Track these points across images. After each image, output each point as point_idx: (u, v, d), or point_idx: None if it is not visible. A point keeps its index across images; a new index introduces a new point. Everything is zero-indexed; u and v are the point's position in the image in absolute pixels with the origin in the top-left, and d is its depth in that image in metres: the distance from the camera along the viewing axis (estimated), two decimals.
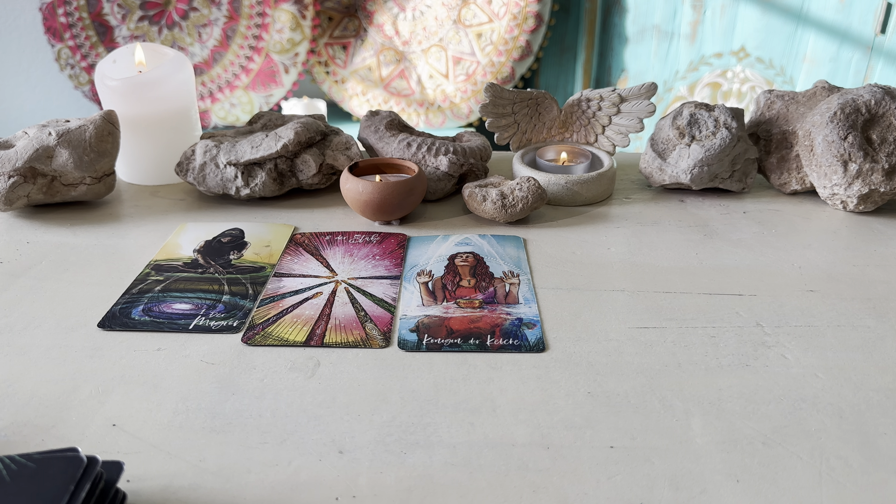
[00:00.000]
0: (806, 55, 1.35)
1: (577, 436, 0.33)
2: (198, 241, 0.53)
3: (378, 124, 0.63)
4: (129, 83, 0.60)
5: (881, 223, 0.56)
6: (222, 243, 0.52)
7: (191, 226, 0.55)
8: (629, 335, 0.41)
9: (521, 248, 0.51)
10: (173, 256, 0.50)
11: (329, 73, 1.98)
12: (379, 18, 1.91)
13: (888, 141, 0.55)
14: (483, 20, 1.85)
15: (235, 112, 1.90)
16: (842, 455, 0.32)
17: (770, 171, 0.62)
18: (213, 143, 0.59)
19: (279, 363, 0.38)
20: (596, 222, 0.56)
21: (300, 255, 0.51)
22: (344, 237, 0.53)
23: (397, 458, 0.31)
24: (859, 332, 0.41)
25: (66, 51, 1.81)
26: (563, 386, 0.36)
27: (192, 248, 0.52)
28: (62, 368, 0.38)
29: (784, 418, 0.34)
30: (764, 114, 0.63)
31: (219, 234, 0.54)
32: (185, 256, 0.50)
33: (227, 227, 0.55)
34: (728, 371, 0.37)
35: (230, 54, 1.86)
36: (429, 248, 0.51)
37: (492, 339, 0.40)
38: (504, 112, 0.63)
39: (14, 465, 0.26)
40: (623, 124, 0.62)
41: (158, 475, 0.30)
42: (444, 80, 1.90)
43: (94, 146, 0.56)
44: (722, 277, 0.47)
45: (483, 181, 0.56)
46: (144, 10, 1.82)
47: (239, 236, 0.53)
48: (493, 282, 0.47)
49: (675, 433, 0.33)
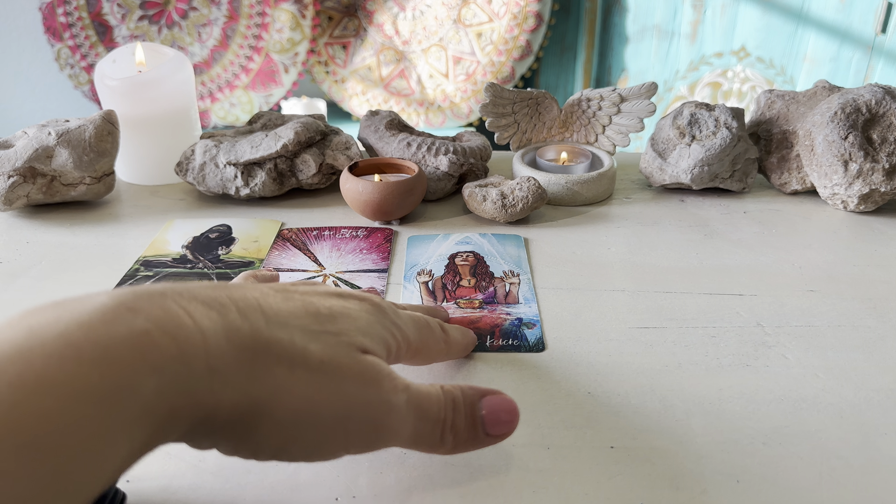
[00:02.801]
0: (806, 55, 1.35)
1: (577, 436, 0.33)
2: (186, 236, 0.53)
3: (378, 124, 0.63)
4: (128, 83, 0.60)
5: (882, 223, 0.56)
6: (210, 239, 0.53)
7: (178, 222, 0.56)
8: (629, 335, 0.41)
9: (522, 247, 0.51)
10: (162, 252, 0.51)
11: (329, 72, 1.98)
12: (379, 18, 1.91)
13: (889, 141, 0.55)
14: (483, 20, 1.85)
15: (235, 112, 1.90)
16: (842, 455, 0.32)
17: (770, 171, 0.62)
18: (213, 142, 0.59)
19: None
20: (596, 222, 0.56)
21: (288, 250, 0.51)
22: (331, 232, 0.53)
23: (397, 458, 0.31)
24: (860, 332, 0.41)
25: (66, 51, 1.81)
26: (563, 386, 0.36)
27: (181, 244, 0.52)
28: None
29: (784, 418, 0.34)
30: (764, 113, 0.63)
31: (207, 229, 0.54)
32: (173, 252, 0.51)
33: (214, 223, 0.55)
34: (728, 371, 0.37)
35: (230, 54, 1.86)
36: (429, 248, 0.51)
37: (491, 339, 0.40)
38: (504, 112, 0.63)
39: None
40: (623, 124, 0.62)
41: (158, 475, 0.30)
42: (444, 80, 1.90)
43: (94, 146, 0.56)
44: (722, 277, 0.47)
45: (483, 181, 0.56)
46: (144, 10, 1.81)
47: (227, 232, 0.54)
48: (494, 281, 0.47)
49: (675, 433, 0.33)
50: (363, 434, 0.24)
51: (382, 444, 0.25)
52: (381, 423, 0.25)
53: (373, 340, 0.26)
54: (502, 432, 0.27)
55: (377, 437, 0.25)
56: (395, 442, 0.25)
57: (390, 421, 0.25)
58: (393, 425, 0.25)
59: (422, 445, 0.26)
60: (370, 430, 0.24)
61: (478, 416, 0.27)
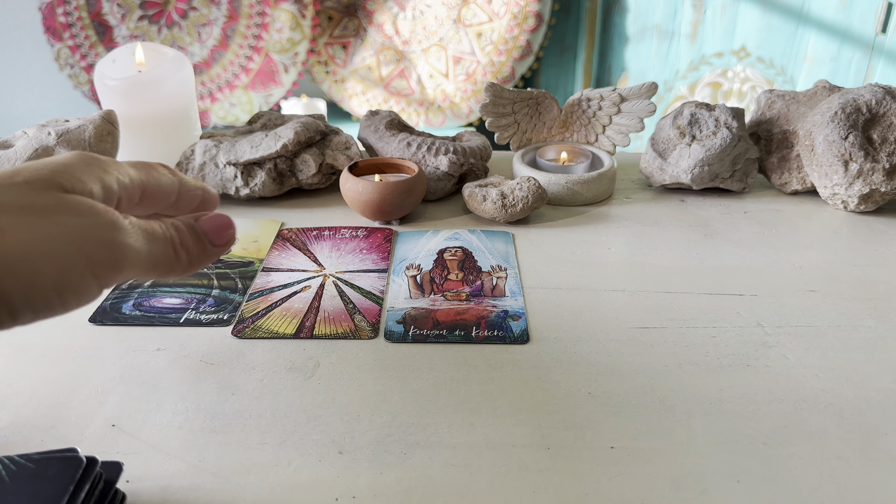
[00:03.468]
0: (806, 55, 1.35)
1: (577, 436, 0.33)
2: None
3: (378, 124, 0.63)
4: (128, 83, 0.60)
5: (882, 223, 0.56)
6: None
7: None
8: (629, 335, 0.41)
9: (510, 243, 0.52)
10: None
11: (329, 72, 1.98)
12: (379, 18, 1.91)
13: (889, 141, 0.55)
14: (483, 20, 1.85)
15: (235, 112, 1.90)
16: (842, 455, 0.32)
17: (771, 171, 0.61)
18: (213, 142, 0.59)
19: (279, 363, 0.38)
20: (596, 222, 0.56)
21: (287, 250, 0.51)
22: (331, 232, 0.53)
23: (397, 458, 0.31)
24: (860, 332, 0.41)
25: (66, 50, 1.81)
26: (563, 386, 0.36)
27: None
28: (61, 368, 0.38)
29: (785, 418, 0.34)
30: (764, 113, 0.63)
31: None
32: None
33: None
34: (729, 371, 0.37)
35: (230, 54, 1.86)
36: (418, 243, 0.52)
37: (477, 330, 0.41)
38: (504, 112, 0.63)
39: (13, 466, 0.26)
40: (623, 124, 0.62)
41: (158, 475, 0.30)
42: (444, 80, 1.90)
43: (94, 146, 0.56)
44: (722, 277, 0.47)
45: (483, 181, 0.56)
46: (144, 10, 1.81)
47: None
48: (481, 275, 0.47)
49: (675, 433, 0.33)
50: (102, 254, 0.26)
51: (127, 264, 0.27)
52: (114, 240, 0.26)
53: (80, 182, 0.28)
54: (226, 239, 0.31)
55: (116, 254, 0.26)
56: (135, 260, 0.27)
57: (121, 237, 0.26)
58: (126, 241, 0.27)
59: (160, 266, 0.29)
60: (107, 249, 0.26)
61: (199, 231, 0.30)
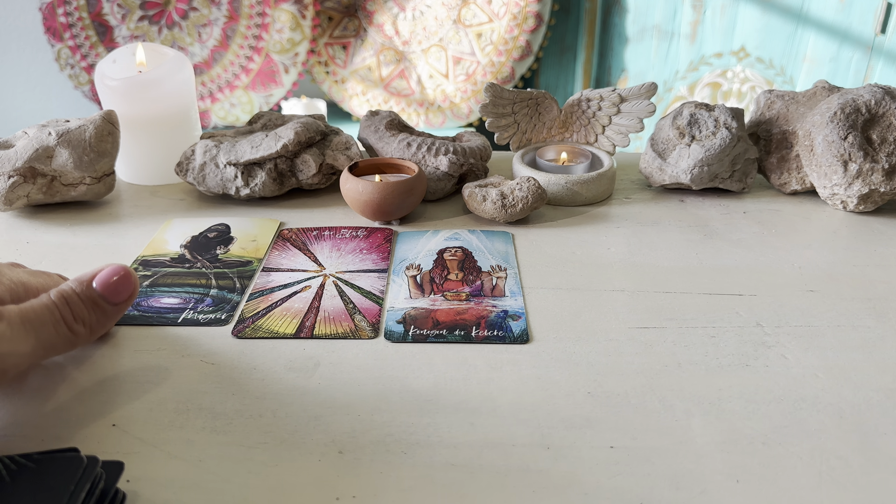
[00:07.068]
0: (806, 55, 1.35)
1: (577, 436, 0.33)
2: (184, 236, 0.53)
3: (378, 124, 0.63)
4: (128, 83, 0.60)
5: (881, 223, 0.56)
6: (209, 238, 0.53)
7: (177, 222, 0.56)
8: (629, 335, 0.41)
9: (510, 243, 0.52)
10: (160, 252, 0.51)
11: (329, 72, 1.98)
12: (379, 18, 1.91)
13: (888, 141, 0.55)
14: (483, 20, 1.85)
15: (235, 112, 1.90)
16: (842, 455, 0.32)
17: (770, 171, 0.62)
18: (213, 143, 0.59)
19: (279, 363, 0.38)
20: (596, 222, 0.56)
21: (287, 250, 0.51)
22: (331, 232, 0.53)
23: (397, 457, 0.31)
24: (859, 332, 0.41)
25: (66, 51, 1.81)
26: (563, 386, 0.36)
27: (179, 244, 0.52)
28: (61, 368, 0.38)
29: (784, 418, 0.34)
30: (764, 114, 0.63)
31: (205, 229, 0.54)
32: (171, 252, 0.51)
33: (213, 223, 0.55)
34: (728, 371, 0.37)
35: (230, 54, 1.86)
36: (418, 243, 0.52)
37: (477, 330, 0.41)
38: (504, 112, 0.63)
39: (14, 465, 0.26)
40: (623, 124, 0.62)
41: (158, 475, 0.30)
42: (444, 80, 1.90)
43: (94, 146, 0.56)
44: (722, 277, 0.47)
45: (483, 181, 0.56)
46: (144, 10, 1.82)
47: (225, 231, 0.54)
48: (481, 275, 0.47)
49: (675, 433, 0.33)
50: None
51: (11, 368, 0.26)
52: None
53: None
54: (126, 295, 0.30)
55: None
56: (21, 361, 0.26)
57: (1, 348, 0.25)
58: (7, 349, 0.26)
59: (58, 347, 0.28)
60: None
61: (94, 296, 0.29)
